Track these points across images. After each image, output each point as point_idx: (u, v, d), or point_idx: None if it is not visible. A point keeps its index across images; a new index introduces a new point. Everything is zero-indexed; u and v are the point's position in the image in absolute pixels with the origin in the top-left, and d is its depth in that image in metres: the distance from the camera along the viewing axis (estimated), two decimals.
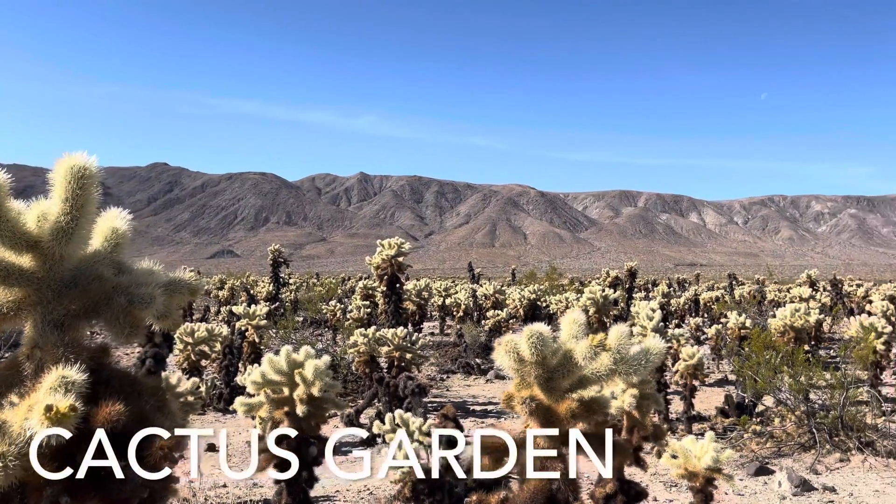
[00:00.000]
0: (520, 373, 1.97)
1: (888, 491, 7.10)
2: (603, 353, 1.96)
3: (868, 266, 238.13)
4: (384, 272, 12.20)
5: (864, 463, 8.03)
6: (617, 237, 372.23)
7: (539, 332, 1.90)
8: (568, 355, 1.93)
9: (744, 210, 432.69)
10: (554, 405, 1.92)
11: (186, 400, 6.69)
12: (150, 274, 1.58)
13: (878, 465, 7.95)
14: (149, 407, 1.45)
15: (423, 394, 8.84)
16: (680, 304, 25.71)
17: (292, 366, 4.80)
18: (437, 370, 15.15)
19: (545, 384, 1.94)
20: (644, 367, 2.01)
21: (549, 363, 1.92)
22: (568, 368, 1.92)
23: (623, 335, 1.98)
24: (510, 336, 1.96)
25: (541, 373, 1.91)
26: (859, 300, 25.03)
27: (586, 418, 1.96)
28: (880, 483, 7.37)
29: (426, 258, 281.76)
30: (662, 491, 7.19)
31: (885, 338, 11.49)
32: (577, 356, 1.91)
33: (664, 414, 10.25)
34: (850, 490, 7.14)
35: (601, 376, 1.98)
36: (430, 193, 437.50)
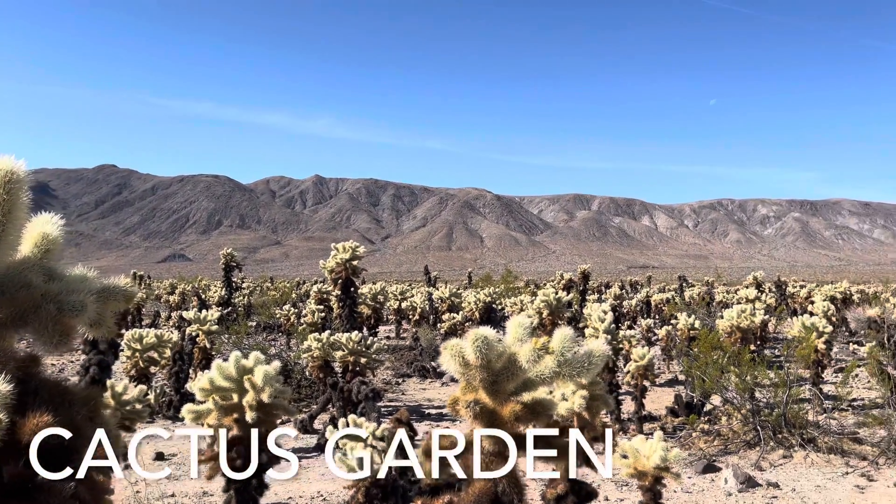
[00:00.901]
0: (465, 376, 1.98)
1: (829, 486, 7.35)
2: (547, 356, 1.98)
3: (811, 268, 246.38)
4: (338, 276, 12.10)
5: (806, 459, 8.29)
6: (571, 240, 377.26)
7: (484, 335, 1.91)
8: (512, 358, 1.95)
9: (694, 213, 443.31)
10: (498, 408, 1.94)
11: (133, 408, 6.53)
12: (83, 280, 1.53)
13: (819, 461, 8.22)
14: (80, 417, 1.41)
15: (378, 398, 8.80)
16: (632, 306, 26.16)
17: (242, 372, 4.71)
18: (392, 374, 15.10)
19: (490, 387, 1.95)
20: (587, 369, 2.04)
21: (494, 366, 1.93)
22: (512, 371, 1.94)
23: (566, 338, 2.00)
24: (455, 340, 1.97)
25: (486, 376, 1.93)
26: (802, 301, 25.86)
27: (531, 420, 1.98)
28: (822, 478, 7.62)
29: (383, 261, 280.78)
30: (614, 490, 7.30)
31: (826, 337, 11.92)
32: (521, 359, 1.93)
33: (616, 414, 10.42)
34: (793, 486, 7.36)
35: (545, 379, 2.00)
36: (387, 197, 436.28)
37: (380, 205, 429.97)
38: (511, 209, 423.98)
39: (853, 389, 12.76)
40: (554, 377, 2.00)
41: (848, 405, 11.42)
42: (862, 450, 8.54)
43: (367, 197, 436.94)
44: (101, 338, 6.46)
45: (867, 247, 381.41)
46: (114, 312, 1.56)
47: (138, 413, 6.76)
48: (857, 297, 26.11)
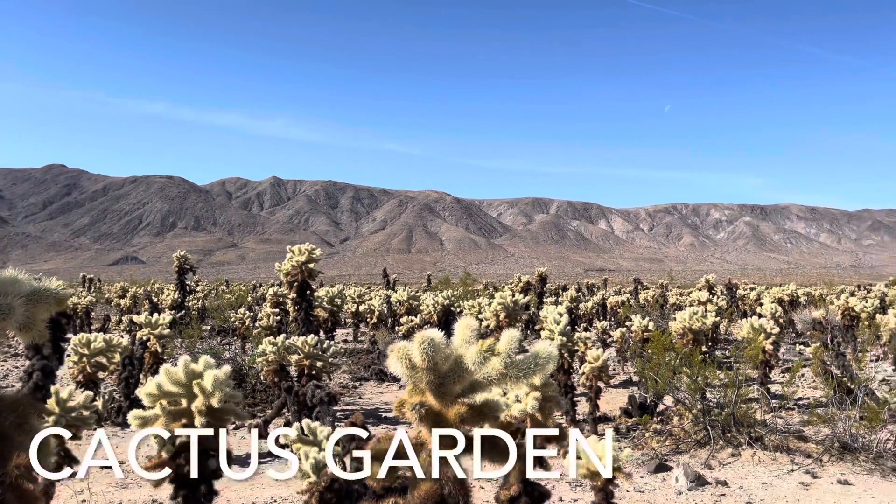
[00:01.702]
0: (412, 379, 1.97)
1: (775, 483, 7.55)
2: (493, 358, 1.99)
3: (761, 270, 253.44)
4: (294, 279, 11.97)
5: (753, 457, 8.50)
6: (530, 243, 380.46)
7: (430, 338, 1.91)
8: (459, 360, 1.95)
9: (649, 217, 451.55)
10: (444, 410, 1.94)
11: (80, 414, 6.35)
12: (14, 283, 1.48)
13: (766, 459, 8.44)
14: (7, 424, 1.36)
15: (334, 402, 8.72)
16: (588, 308, 26.50)
17: (191, 376, 4.61)
18: (349, 378, 14.99)
19: (437, 389, 1.95)
20: (533, 371, 2.05)
21: (441, 369, 1.93)
22: (459, 373, 1.94)
23: (513, 340, 2.02)
24: (402, 343, 1.97)
25: (432, 378, 1.93)
26: (752, 303, 26.56)
27: (477, 422, 1.99)
28: (768, 476, 7.83)
29: (342, 264, 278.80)
30: (568, 491, 7.37)
31: (773, 338, 12.26)
32: (468, 361, 1.94)
33: (571, 415, 10.54)
34: (741, 483, 7.55)
35: (492, 380, 2.01)
36: (346, 199, 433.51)
37: (339, 207, 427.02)
38: (470, 212, 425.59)
39: (799, 389, 13.17)
40: (501, 379, 2.01)
41: (794, 404, 11.76)
42: (807, 448, 8.80)
43: (326, 199, 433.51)
44: (44, 343, 6.25)
45: (814, 250, 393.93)
46: (44, 316, 1.51)
47: (84, 419, 6.56)
48: (804, 299, 26.95)
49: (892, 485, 7.42)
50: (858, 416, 8.87)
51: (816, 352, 11.99)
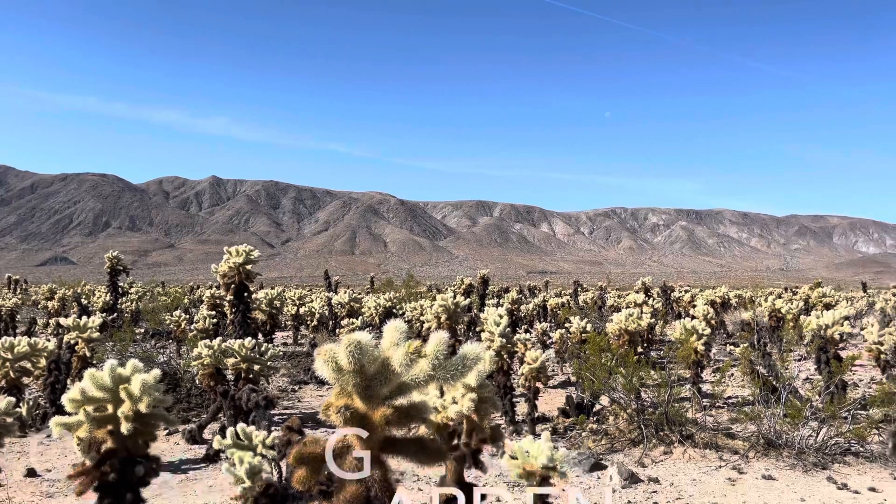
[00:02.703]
0: (339, 382, 1.96)
1: (703, 479, 7.81)
2: (421, 360, 2.00)
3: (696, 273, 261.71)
4: (231, 281, 11.72)
5: (684, 454, 8.77)
6: (474, 245, 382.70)
7: (357, 340, 1.91)
8: (386, 363, 1.95)
9: (590, 221, 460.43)
10: (370, 413, 1.93)
11: (2, 421, 6.07)
12: None
13: (696, 456, 8.71)
14: None
15: (271, 406, 8.58)
16: (529, 310, 26.82)
17: (117, 381, 4.46)
18: (288, 381, 14.78)
19: (363, 392, 1.94)
20: (461, 372, 2.07)
21: (368, 371, 1.93)
22: (386, 376, 1.94)
23: (441, 342, 2.03)
24: (329, 345, 1.96)
25: (359, 381, 1.92)
26: (686, 305, 27.38)
27: (404, 424, 1.99)
28: (697, 472, 8.08)
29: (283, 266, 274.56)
30: (506, 491, 7.44)
31: (705, 339, 12.65)
32: (395, 363, 1.94)
33: (510, 416, 10.65)
34: (672, 480, 7.77)
35: (420, 382, 2.02)
36: (288, 199, 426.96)
37: (280, 208, 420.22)
38: (415, 214, 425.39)
39: (728, 388, 13.64)
40: (428, 380, 2.01)
41: (723, 403, 12.18)
42: (734, 444, 9.12)
43: (267, 199, 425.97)
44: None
45: (745, 254, 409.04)
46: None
47: (7, 427, 6.28)
48: (735, 301, 27.93)
49: (812, 479, 7.77)
50: (783, 413, 9.24)
51: (744, 352, 12.46)
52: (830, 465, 8.27)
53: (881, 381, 13.14)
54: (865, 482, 7.58)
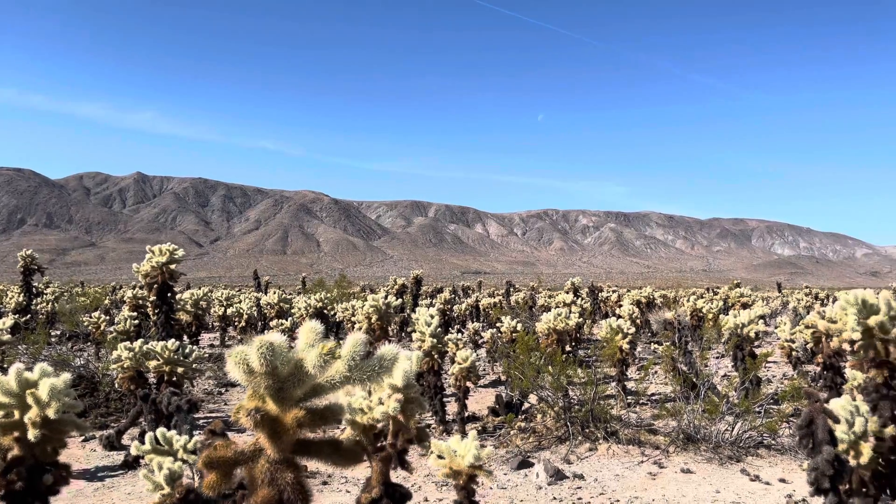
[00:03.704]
0: (251, 384, 1.92)
1: (626, 474, 8.03)
2: (337, 361, 1.98)
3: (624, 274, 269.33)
4: (154, 280, 11.32)
5: (608, 450, 8.99)
6: (409, 246, 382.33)
7: (269, 342, 1.87)
8: (299, 364, 1.92)
9: (523, 222, 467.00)
10: (282, 415, 1.90)
11: None
12: None
13: (619, 452, 8.95)
14: None
15: (194, 409, 8.32)
16: (462, 310, 26.99)
17: (24, 385, 4.24)
18: (215, 384, 14.41)
19: (276, 394, 1.91)
20: (378, 373, 2.06)
21: (280, 373, 1.89)
22: (299, 378, 1.91)
23: (357, 343, 2.01)
24: (240, 347, 1.91)
25: (271, 383, 1.88)
26: (613, 305, 28.10)
27: (318, 426, 1.96)
28: (621, 468, 8.31)
29: (212, 265, 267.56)
30: (434, 491, 7.46)
31: (630, 338, 13.02)
32: (308, 365, 1.91)
33: (440, 416, 10.68)
34: (596, 476, 7.96)
35: (336, 384, 1.99)
36: (217, 197, 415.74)
37: (209, 206, 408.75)
38: (349, 214, 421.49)
39: (651, 385, 14.08)
40: (345, 382, 1.99)
41: (647, 400, 12.57)
42: (656, 440, 9.42)
43: (196, 197, 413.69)
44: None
45: (671, 255, 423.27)
46: None
47: None
48: (660, 301, 28.86)
49: (727, 471, 8.10)
50: (701, 409, 9.60)
51: (667, 350, 12.88)
52: (744, 457, 8.65)
53: (792, 377, 13.84)
54: (776, 473, 7.96)
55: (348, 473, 8.06)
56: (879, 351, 6.46)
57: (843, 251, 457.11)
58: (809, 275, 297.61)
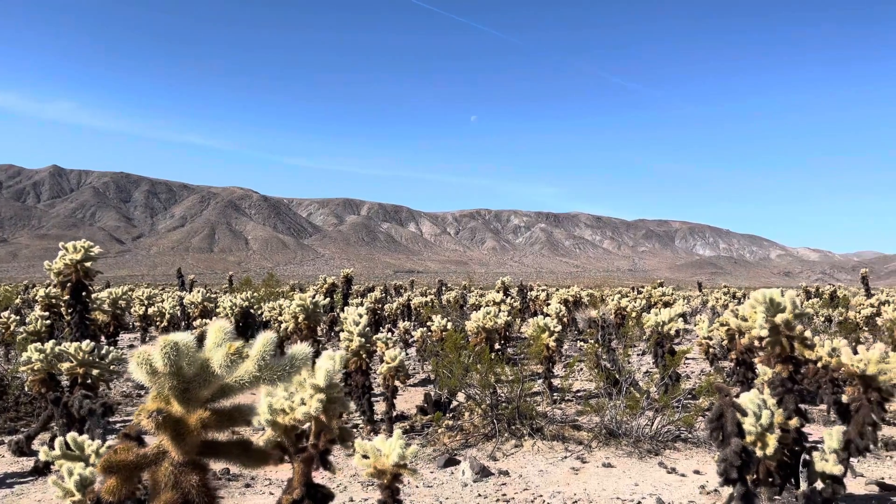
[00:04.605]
0: (155, 385, 1.86)
1: (550, 470, 8.19)
2: (247, 361, 1.94)
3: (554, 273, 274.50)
4: (67, 279, 10.80)
5: (533, 447, 9.15)
6: (341, 244, 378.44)
7: (174, 341, 1.82)
8: (205, 364, 1.87)
9: (455, 222, 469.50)
10: (185, 416, 1.85)
11: None
12: None
13: (544, 448, 9.12)
14: None
15: (109, 413, 8.00)
16: (392, 310, 26.93)
17: None
18: (133, 386, 13.90)
19: (181, 395, 1.86)
20: (290, 373, 2.03)
21: (186, 373, 1.84)
22: (205, 378, 1.87)
23: (267, 342, 1.98)
24: (143, 347, 1.85)
25: (175, 384, 1.83)
26: (541, 303, 28.59)
27: (226, 427, 1.92)
28: (545, 463, 8.47)
29: (134, 263, 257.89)
30: (360, 491, 7.42)
31: (556, 336, 13.28)
32: (215, 365, 1.87)
33: (368, 415, 10.62)
34: (520, 472, 8.09)
35: (245, 384, 1.96)
36: (140, 193, 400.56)
37: (131, 201, 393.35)
38: (279, 211, 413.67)
39: (577, 382, 14.41)
40: (255, 382, 1.96)
41: (572, 396, 12.86)
42: (580, 436, 9.64)
43: (117, 192, 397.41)
44: None
45: (599, 255, 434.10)
46: None
47: None
48: (587, 299, 29.55)
49: (646, 465, 8.37)
50: (623, 405, 9.88)
51: (591, 347, 13.20)
52: (663, 451, 8.96)
53: (709, 373, 14.41)
54: (692, 465, 8.28)
55: (272, 475, 7.92)
56: (785, 347, 6.82)
57: (759, 252, 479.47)
58: (728, 274, 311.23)
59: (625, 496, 7.14)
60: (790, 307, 6.74)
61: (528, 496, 7.18)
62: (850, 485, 6.95)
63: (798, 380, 7.04)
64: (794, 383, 6.94)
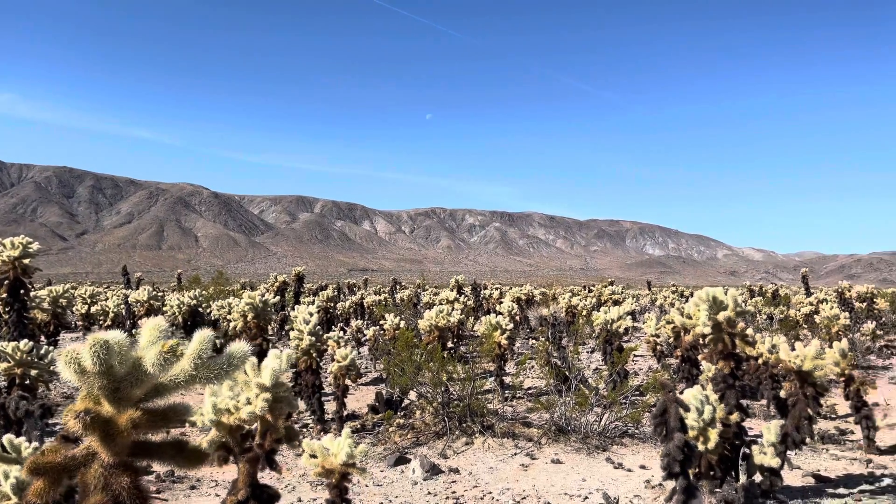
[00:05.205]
0: (84, 385, 1.81)
1: (499, 467, 8.25)
2: (183, 359, 1.90)
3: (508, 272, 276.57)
4: (5, 276, 10.39)
5: (484, 444, 9.20)
6: (294, 242, 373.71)
7: (104, 339, 1.76)
8: (137, 363, 1.83)
9: (410, 220, 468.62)
10: (115, 417, 1.80)
11: None
12: None
13: (494, 445, 9.18)
14: None
15: (48, 414, 7.75)
16: (345, 308, 26.74)
17: None
18: (74, 387, 13.47)
19: (112, 395, 1.80)
20: (227, 372, 1.99)
21: (117, 373, 1.79)
22: (137, 377, 1.82)
23: (205, 340, 1.94)
24: (72, 346, 1.79)
25: (105, 383, 1.78)
26: (494, 302, 28.77)
27: (159, 427, 1.88)
28: (495, 460, 8.52)
29: (78, 260, 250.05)
30: (309, 491, 7.35)
31: (508, 334, 13.39)
32: (147, 364, 1.82)
33: (319, 415, 10.52)
34: (470, 469, 8.12)
35: (180, 383, 1.91)
36: (84, 188, 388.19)
37: (75, 197, 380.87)
38: (230, 208, 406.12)
39: (528, 379, 14.54)
40: (191, 381, 1.92)
41: (523, 393, 12.97)
42: (530, 432, 9.74)
43: (60, 187, 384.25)
44: None
45: (552, 254, 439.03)
46: None
47: None
48: (539, 298, 29.85)
49: (594, 460, 8.50)
50: (573, 401, 10.02)
51: (542, 345, 13.34)
52: (610, 446, 9.12)
53: (657, 370, 14.73)
54: (638, 461, 8.44)
55: (219, 477, 7.78)
56: (727, 344, 7.01)
57: (707, 252, 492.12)
58: (677, 274, 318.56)
59: (572, 491, 7.24)
60: (732, 305, 6.94)
61: (477, 493, 7.22)
62: (787, 477, 7.19)
63: (739, 376, 7.24)
64: (736, 379, 7.14)
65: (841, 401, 10.75)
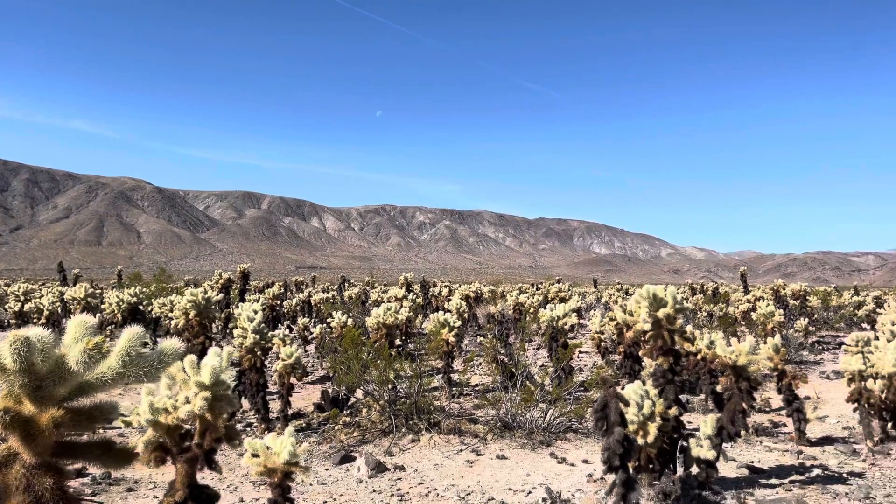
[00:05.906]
0: (5, 383, 1.74)
1: (445, 463, 8.28)
2: (111, 357, 1.85)
3: (458, 270, 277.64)
4: None
5: (430, 441, 9.22)
6: (240, 239, 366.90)
7: (25, 337, 1.70)
8: (61, 361, 1.77)
9: (360, 217, 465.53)
10: (37, 416, 1.74)
11: None
12: None
13: (441, 442, 9.21)
14: None
15: None
16: (292, 306, 26.41)
17: None
18: None
19: (34, 394, 1.74)
20: (157, 369, 1.95)
21: (39, 371, 1.73)
22: (61, 375, 1.76)
23: (133, 337, 1.89)
24: None
25: (27, 381, 1.72)
26: (443, 299, 28.85)
27: (86, 426, 1.82)
28: (441, 457, 8.55)
29: (12, 257, 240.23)
30: (251, 491, 7.23)
31: (456, 331, 13.43)
32: (71, 361, 1.76)
33: (263, 413, 10.36)
34: (416, 466, 8.13)
35: (107, 381, 1.86)
36: (19, 181, 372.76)
37: (9, 190, 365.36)
38: (174, 203, 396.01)
39: (475, 376, 14.63)
40: (118, 379, 1.87)
41: (470, 390, 13.05)
42: (476, 429, 9.81)
43: None
44: None
45: (501, 252, 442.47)
46: None
47: None
48: (488, 295, 30.05)
49: (538, 455, 8.61)
50: (519, 397, 10.13)
51: (489, 342, 13.45)
52: (555, 442, 9.25)
53: (601, 366, 15.01)
54: (581, 455, 8.59)
55: (157, 478, 7.59)
56: (666, 340, 7.20)
57: (651, 251, 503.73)
58: (622, 272, 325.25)
59: (516, 486, 7.33)
60: (671, 302, 7.12)
61: (422, 490, 7.23)
62: (722, 469, 7.42)
63: (678, 371, 7.45)
64: (675, 375, 7.34)
65: (774, 394, 11.15)
